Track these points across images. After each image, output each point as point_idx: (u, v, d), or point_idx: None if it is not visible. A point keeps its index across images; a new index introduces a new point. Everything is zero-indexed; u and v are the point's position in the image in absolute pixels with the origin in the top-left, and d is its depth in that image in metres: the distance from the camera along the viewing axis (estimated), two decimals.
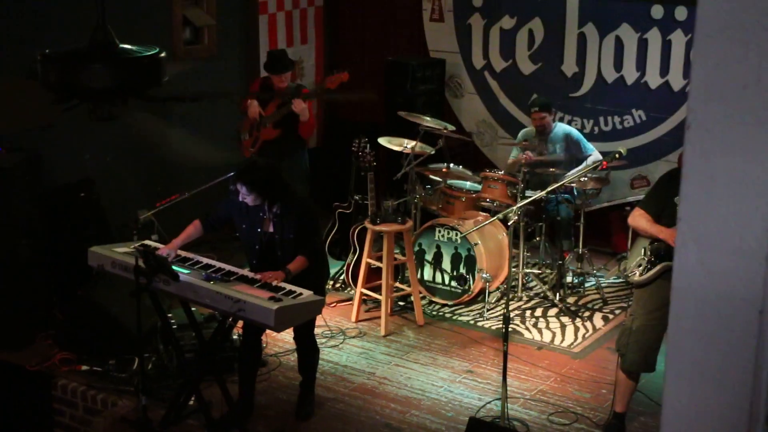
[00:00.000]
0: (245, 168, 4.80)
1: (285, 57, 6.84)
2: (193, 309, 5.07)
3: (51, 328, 5.93)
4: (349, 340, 6.11)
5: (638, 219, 4.65)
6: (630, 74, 7.30)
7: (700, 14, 1.23)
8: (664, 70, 7.14)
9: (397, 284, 6.52)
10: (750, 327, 1.20)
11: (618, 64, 7.33)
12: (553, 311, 6.49)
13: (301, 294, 4.62)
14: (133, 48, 3.26)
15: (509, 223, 5.46)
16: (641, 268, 4.64)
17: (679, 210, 1.30)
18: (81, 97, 3.25)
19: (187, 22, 7.34)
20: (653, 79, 7.21)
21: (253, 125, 6.75)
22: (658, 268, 4.56)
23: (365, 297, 6.42)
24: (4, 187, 5.73)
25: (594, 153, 6.75)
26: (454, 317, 6.46)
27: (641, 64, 7.24)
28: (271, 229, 4.90)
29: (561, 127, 6.89)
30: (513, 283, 6.65)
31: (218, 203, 5.17)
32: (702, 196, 1.25)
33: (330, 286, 6.71)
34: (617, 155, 5.40)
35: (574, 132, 6.87)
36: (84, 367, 5.63)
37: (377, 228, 6.15)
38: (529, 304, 6.60)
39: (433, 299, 6.62)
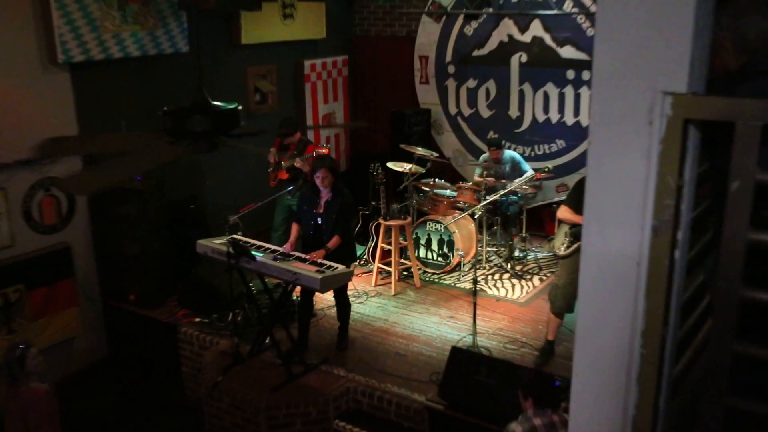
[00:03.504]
0: (323, 157, 4.95)
1: (288, 123, 6.19)
2: (266, 280, 5.04)
3: (175, 294, 5.94)
4: (370, 298, 6.09)
5: (564, 212, 4.62)
6: (554, 116, 7.25)
7: (596, 66, 1.22)
8: (576, 112, 7.09)
9: (402, 260, 6.48)
10: (630, 274, 1.21)
11: (546, 109, 7.28)
12: (506, 276, 6.46)
13: (338, 267, 4.62)
14: (221, 104, 3.26)
15: (476, 217, 5.46)
16: (564, 246, 4.61)
17: (586, 199, 1.28)
18: (188, 137, 3.23)
19: (257, 90, 7.30)
20: (569, 119, 7.16)
21: (274, 166, 6.29)
22: (576, 245, 4.52)
23: (380, 269, 6.39)
24: (142, 204, 5.74)
25: (529, 170, 6.66)
26: (440, 281, 6.43)
27: (561, 109, 7.18)
28: (321, 210, 4.89)
29: (509, 153, 6.84)
30: (479, 257, 6.63)
31: (297, 207, 5.15)
32: (600, 188, 1.24)
33: (357, 263, 6.61)
34: (546, 170, 5.43)
35: (517, 156, 6.82)
36: (197, 320, 5.65)
37: (388, 223, 6.14)
38: (490, 271, 6.56)
39: (426, 270, 6.57)
